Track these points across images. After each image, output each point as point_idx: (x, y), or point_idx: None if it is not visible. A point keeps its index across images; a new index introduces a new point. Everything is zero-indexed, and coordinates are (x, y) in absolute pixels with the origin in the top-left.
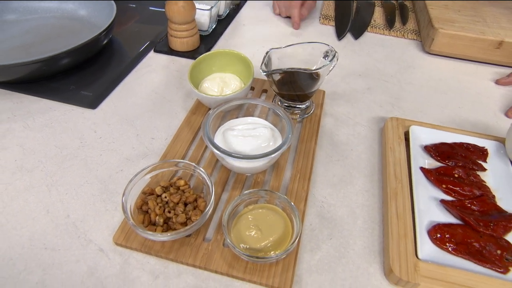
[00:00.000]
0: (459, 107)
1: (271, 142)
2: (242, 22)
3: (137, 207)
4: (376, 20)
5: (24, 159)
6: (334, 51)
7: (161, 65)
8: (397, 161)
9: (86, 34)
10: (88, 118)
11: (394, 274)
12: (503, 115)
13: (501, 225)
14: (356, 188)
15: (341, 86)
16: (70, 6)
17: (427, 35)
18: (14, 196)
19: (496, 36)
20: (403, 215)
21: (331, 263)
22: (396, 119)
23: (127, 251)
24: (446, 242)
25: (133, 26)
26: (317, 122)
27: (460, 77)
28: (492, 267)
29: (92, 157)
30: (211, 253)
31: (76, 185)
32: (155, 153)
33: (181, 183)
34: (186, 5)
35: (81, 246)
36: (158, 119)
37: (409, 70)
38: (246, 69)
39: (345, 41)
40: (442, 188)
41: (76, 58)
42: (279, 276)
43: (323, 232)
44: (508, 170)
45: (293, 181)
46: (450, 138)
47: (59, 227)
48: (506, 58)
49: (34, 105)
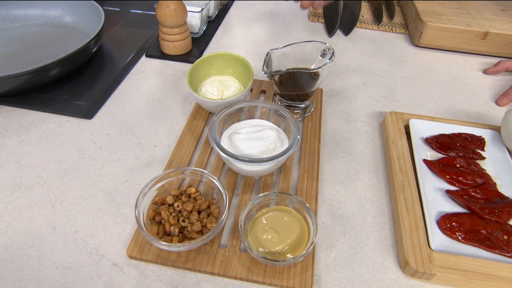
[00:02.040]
0: (452, 98)
1: (278, 144)
2: (232, 23)
3: (149, 218)
4: (364, 16)
5: (22, 175)
6: (331, 49)
7: (155, 70)
8: (400, 155)
9: (74, 41)
10: (85, 129)
11: (410, 266)
12: (494, 104)
13: (505, 211)
14: (363, 183)
15: (338, 83)
16: (54, 12)
17: (416, 28)
18: (17, 215)
19: (481, 27)
20: (413, 207)
21: (347, 259)
22: (395, 113)
23: (143, 263)
24: (456, 231)
25: (119, 31)
26: (318, 120)
27: (449, 69)
28: (500, 253)
29: (95, 169)
30: (229, 259)
31: (81, 199)
32: (159, 161)
33: (192, 191)
34: (178, 8)
35: (93, 262)
36: (158, 126)
37: (401, 64)
38: (244, 71)
39: (336, 38)
40: (446, 178)
41: (67, 67)
42: (299, 277)
43: (336, 230)
44: (505, 157)
45: (301, 181)
46: (448, 129)
47: (69, 244)
48: (492, 48)
49: (26, 118)
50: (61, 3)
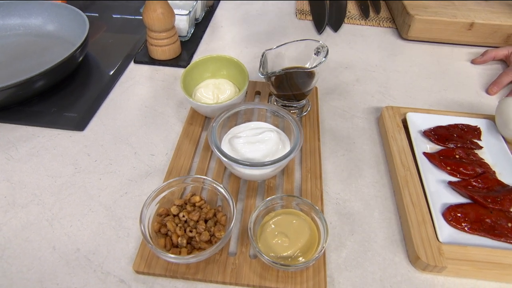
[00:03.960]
0: (443, 89)
1: (280, 146)
2: (220, 24)
3: (154, 231)
4: (350, 11)
5: (14, 194)
6: (325, 46)
7: (145, 76)
8: (401, 149)
9: (58, 50)
10: (77, 142)
11: (421, 261)
12: (484, 93)
13: (507, 199)
14: (366, 180)
15: (331, 80)
16: (35, 21)
17: (403, 22)
18: (12, 236)
19: (467, 18)
20: (418, 201)
21: (358, 258)
22: (391, 107)
23: (151, 278)
24: (461, 222)
25: (103, 38)
26: (316, 119)
27: (438, 60)
28: (506, 240)
29: (91, 182)
30: (240, 267)
31: (79, 215)
32: (158, 170)
33: (196, 199)
34: (165, 12)
35: (99, 280)
36: (154, 134)
37: (391, 58)
38: (239, 73)
39: (325, 35)
40: (447, 170)
41: (53, 78)
42: (312, 279)
43: (344, 229)
44: (502, 145)
45: (305, 182)
46: (444, 120)
47: (71, 263)
48: (478, 38)
49: (14, 134)
50: (42, 11)
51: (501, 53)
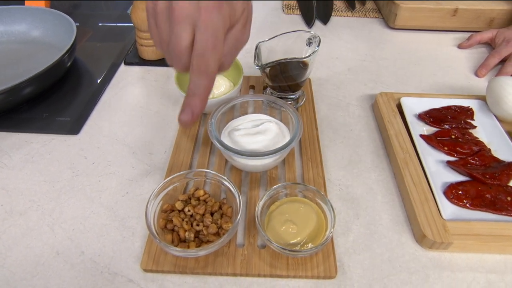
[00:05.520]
0: (433, 74)
1: (280, 136)
2: None
3: (160, 227)
4: (336, 4)
5: (11, 202)
6: (317, 36)
7: (136, 77)
8: (398, 133)
9: (45, 55)
10: (73, 145)
11: (427, 239)
12: (473, 75)
13: (504, 174)
14: (366, 165)
15: (324, 71)
16: (18, 28)
17: (390, 11)
18: (12, 244)
19: (451, 5)
20: (419, 181)
21: (365, 241)
22: (385, 94)
23: (160, 275)
24: (463, 199)
25: (89, 44)
26: (312, 109)
27: (426, 47)
28: (507, 214)
29: (90, 185)
30: (249, 258)
31: (81, 218)
32: (158, 168)
33: (200, 193)
34: None
35: (107, 282)
36: (151, 133)
37: (380, 47)
38: (233, 68)
39: (315, 28)
40: (444, 150)
41: (43, 84)
42: (322, 265)
43: (349, 214)
44: (494, 123)
45: (307, 170)
46: (437, 103)
47: (76, 267)
48: (463, 23)
49: (5, 141)
50: (25, 17)
51: (485, 37)
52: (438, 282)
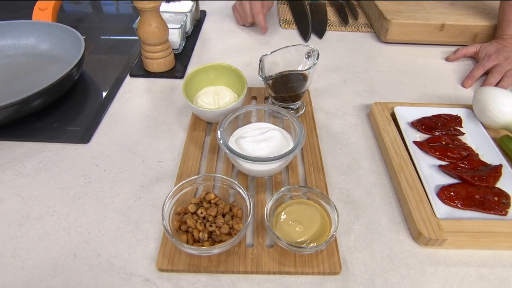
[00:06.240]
0: (423, 85)
1: (284, 143)
2: (209, 36)
3: (175, 229)
4: (331, 19)
5: (27, 208)
6: (316, 50)
7: (142, 89)
8: (393, 140)
9: (53, 68)
10: (84, 154)
11: (423, 236)
12: (460, 86)
13: (491, 176)
14: (364, 170)
15: (321, 83)
16: (25, 42)
17: (381, 26)
18: (31, 248)
19: (437, 21)
20: (414, 184)
21: (366, 240)
22: (379, 103)
23: (174, 274)
24: (454, 200)
25: (94, 56)
26: (311, 118)
27: (416, 59)
28: (494, 212)
29: (103, 191)
30: (259, 257)
31: (96, 222)
32: (167, 175)
33: (211, 197)
34: (160, 26)
35: (124, 281)
36: (159, 142)
37: (373, 60)
38: (237, 80)
39: (311, 42)
40: (436, 155)
41: (53, 95)
42: (327, 262)
43: (350, 215)
44: (481, 130)
45: (309, 175)
46: (428, 112)
47: (94, 268)
48: (449, 38)
49: (18, 150)
50: (33, 31)
51: (470, 51)
52: (434, 276)
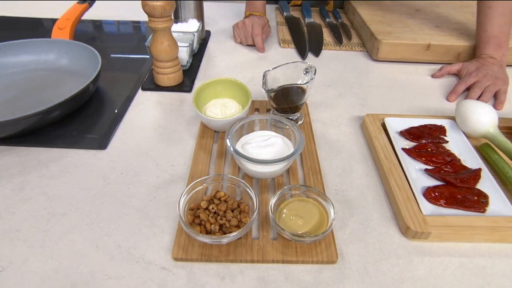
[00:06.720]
0: (412, 99)
1: (285, 148)
2: (213, 54)
3: (189, 222)
4: (326, 39)
5: (52, 205)
6: (313, 67)
7: (153, 101)
8: (383, 147)
9: (70, 82)
10: (102, 158)
11: (411, 230)
12: (445, 100)
13: (471, 178)
14: (357, 174)
15: (317, 97)
16: (46, 58)
17: (373, 46)
18: (58, 240)
19: (424, 41)
20: (402, 185)
21: (359, 234)
22: (371, 115)
23: (188, 263)
24: (439, 199)
25: (106, 73)
26: (309, 128)
27: (405, 76)
28: (474, 210)
29: (121, 191)
30: (264, 247)
31: (116, 219)
32: (179, 177)
33: (221, 195)
34: (171, 44)
35: (143, 269)
36: (171, 148)
37: (365, 76)
38: (242, 93)
39: (308, 60)
40: (422, 160)
41: (72, 106)
42: (325, 252)
43: (345, 213)
44: (463, 139)
45: (308, 178)
46: (415, 122)
47: (115, 258)
48: (435, 57)
49: (42, 155)
50: (52, 48)
51: (454, 68)
52: (421, 264)
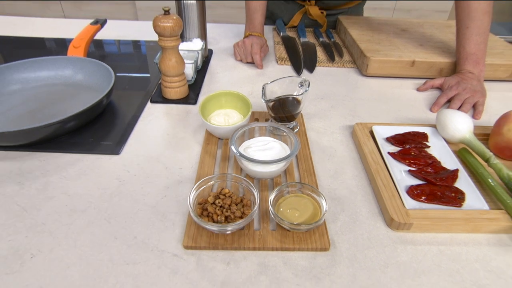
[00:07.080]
0: (398, 110)
1: (283, 152)
2: (215, 71)
3: (198, 214)
4: (320, 57)
5: (73, 203)
6: (307, 80)
7: (162, 112)
8: (371, 151)
9: (85, 95)
10: (116, 163)
11: (395, 221)
12: (428, 110)
13: (450, 178)
14: (348, 175)
15: (312, 108)
16: (62, 73)
17: (362, 62)
18: (80, 232)
19: (409, 58)
20: (388, 184)
21: (349, 226)
22: (361, 124)
23: (197, 251)
24: (421, 196)
25: (115, 90)
26: (304, 135)
27: (392, 90)
28: (452, 205)
29: (135, 190)
30: (264, 237)
31: (131, 214)
32: (187, 178)
33: (226, 191)
34: (178, 60)
35: (157, 256)
36: (179, 153)
37: (356, 90)
38: (243, 105)
39: (303, 76)
40: (406, 163)
41: (88, 117)
42: (319, 240)
43: (336, 208)
44: (443, 144)
45: (303, 178)
46: (400, 130)
47: (132, 247)
48: (419, 72)
49: (61, 160)
50: (68, 65)
51: (437, 83)
52: (404, 252)
